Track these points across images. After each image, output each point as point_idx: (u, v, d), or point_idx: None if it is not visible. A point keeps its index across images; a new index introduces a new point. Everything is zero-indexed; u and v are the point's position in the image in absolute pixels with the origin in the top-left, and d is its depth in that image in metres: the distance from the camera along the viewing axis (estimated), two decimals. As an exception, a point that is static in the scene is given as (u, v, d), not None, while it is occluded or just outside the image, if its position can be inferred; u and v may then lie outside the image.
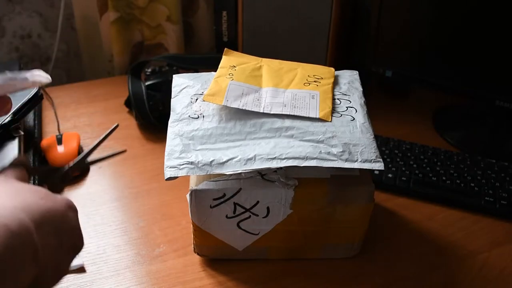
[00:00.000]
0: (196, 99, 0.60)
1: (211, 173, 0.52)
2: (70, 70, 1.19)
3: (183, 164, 0.52)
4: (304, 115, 0.57)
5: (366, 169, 0.54)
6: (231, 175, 0.55)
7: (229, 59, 0.66)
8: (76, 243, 0.40)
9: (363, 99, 0.62)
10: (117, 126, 0.52)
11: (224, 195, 0.54)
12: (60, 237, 0.37)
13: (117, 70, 1.09)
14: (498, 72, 0.81)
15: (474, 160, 0.78)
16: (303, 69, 0.65)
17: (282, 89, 0.61)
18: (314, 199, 0.56)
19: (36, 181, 0.49)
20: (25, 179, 0.43)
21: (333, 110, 0.59)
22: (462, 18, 0.80)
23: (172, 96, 0.62)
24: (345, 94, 0.63)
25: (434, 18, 0.83)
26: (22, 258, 0.32)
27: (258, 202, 0.55)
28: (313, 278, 0.60)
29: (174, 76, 0.65)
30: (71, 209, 0.40)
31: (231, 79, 0.61)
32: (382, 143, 0.81)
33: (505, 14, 0.75)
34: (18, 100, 0.73)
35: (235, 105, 0.57)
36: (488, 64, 0.81)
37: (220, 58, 0.66)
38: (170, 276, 0.60)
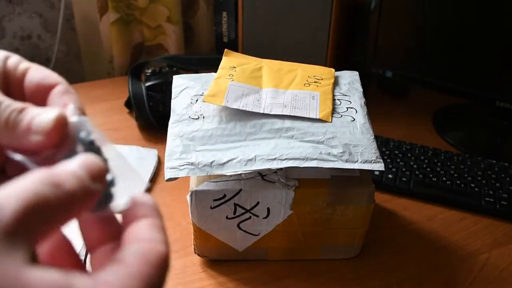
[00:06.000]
0: (196, 100, 0.60)
1: (212, 174, 0.52)
2: (70, 71, 1.19)
3: (183, 165, 0.52)
4: (304, 115, 0.57)
5: (366, 169, 0.54)
6: (231, 176, 0.55)
7: (229, 60, 0.66)
8: None
9: (363, 100, 0.62)
10: None
11: (225, 196, 0.54)
12: None
13: (117, 71, 1.09)
14: (498, 73, 0.81)
15: (474, 160, 0.78)
16: (303, 70, 0.65)
17: (282, 90, 0.61)
18: (314, 200, 0.56)
19: None
20: None
21: (333, 110, 0.59)
22: (462, 19, 0.80)
23: (172, 97, 0.62)
24: (345, 95, 0.63)
25: (434, 18, 0.83)
26: None
27: (258, 203, 0.55)
28: (314, 279, 0.60)
29: (174, 77, 0.65)
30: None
31: (231, 80, 0.61)
32: (382, 143, 0.81)
33: (505, 14, 0.75)
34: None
35: (235, 106, 0.57)
36: (488, 65, 0.81)
37: (220, 59, 0.66)
38: (170, 277, 0.60)
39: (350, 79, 0.66)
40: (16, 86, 0.27)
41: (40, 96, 0.27)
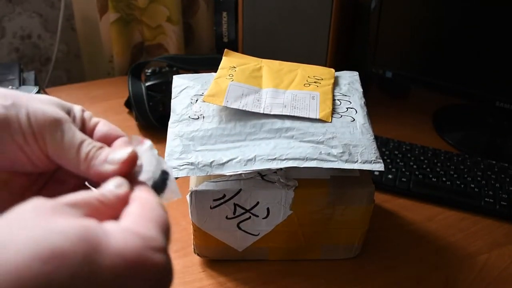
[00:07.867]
0: (196, 100, 0.60)
1: (211, 174, 0.52)
2: (70, 71, 1.19)
3: (183, 165, 0.52)
4: (304, 116, 0.57)
5: (366, 170, 0.54)
6: (231, 176, 0.55)
7: (229, 60, 0.66)
8: None
9: (363, 100, 0.62)
10: None
11: (224, 196, 0.54)
12: None
13: (117, 70, 1.09)
14: (498, 73, 0.81)
15: (474, 161, 0.78)
16: (303, 70, 0.65)
17: (282, 90, 0.61)
18: (314, 200, 0.56)
19: None
20: None
21: (333, 111, 0.59)
22: (462, 19, 0.80)
23: (172, 97, 0.62)
24: (345, 95, 0.63)
25: (434, 18, 0.83)
26: None
27: (258, 203, 0.55)
28: (313, 279, 0.60)
29: (174, 77, 0.65)
30: None
31: (231, 80, 0.61)
32: (382, 144, 0.81)
33: (505, 14, 0.75)
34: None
35: (235, 106, 0.57)
36: (488, 65, 0.81)
37: (220, 59, 0.66)
38: (170, 277, 0.60)
39: (350, 79, 0.66)
40: (88, 134, 0.33)
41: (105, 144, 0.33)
